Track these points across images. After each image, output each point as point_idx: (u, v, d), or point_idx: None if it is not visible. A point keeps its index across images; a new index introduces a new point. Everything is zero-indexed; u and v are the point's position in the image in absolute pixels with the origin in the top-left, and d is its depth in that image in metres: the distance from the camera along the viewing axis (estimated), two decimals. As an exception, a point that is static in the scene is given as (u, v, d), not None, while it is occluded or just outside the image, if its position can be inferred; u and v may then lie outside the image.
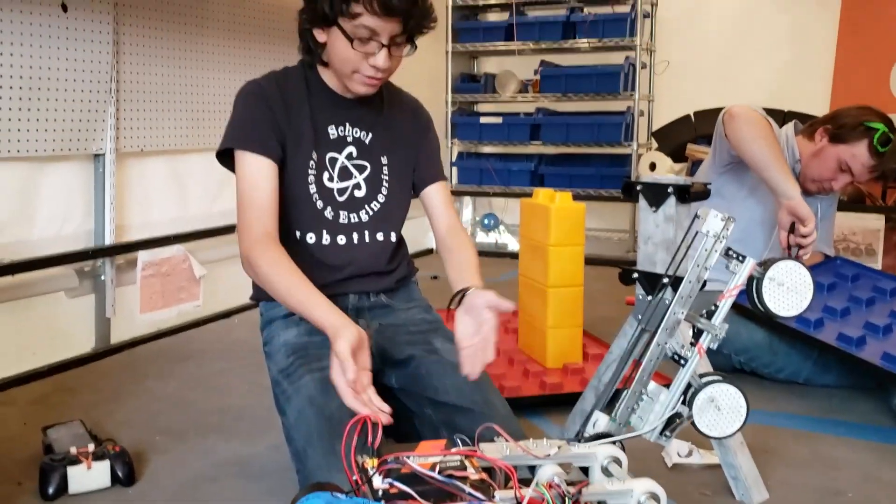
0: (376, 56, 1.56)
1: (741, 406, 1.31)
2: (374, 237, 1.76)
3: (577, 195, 4.36)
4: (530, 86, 4.89)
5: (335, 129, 1.73)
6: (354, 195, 1.74)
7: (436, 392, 1.60)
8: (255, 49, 3.37)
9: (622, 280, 1.63)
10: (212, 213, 3.23)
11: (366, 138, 1.76)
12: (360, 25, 1.53)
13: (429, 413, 1.61)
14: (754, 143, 2.36)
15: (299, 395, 1.54)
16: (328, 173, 1.71)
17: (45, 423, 1.99)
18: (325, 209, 1.71)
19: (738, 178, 2.60)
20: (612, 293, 3.64)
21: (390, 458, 1.07)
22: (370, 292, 1.77)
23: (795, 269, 1.35)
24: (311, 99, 1.71)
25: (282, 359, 1.66)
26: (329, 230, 1.72)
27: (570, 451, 1.19)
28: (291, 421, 1.54)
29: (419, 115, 1.88)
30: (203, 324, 3.13)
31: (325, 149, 1.71)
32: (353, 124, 1.75)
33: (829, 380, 2.48)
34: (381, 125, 1.78)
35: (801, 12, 4.69)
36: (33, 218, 2.54)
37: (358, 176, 1.75)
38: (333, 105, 1.73)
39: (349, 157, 1.74)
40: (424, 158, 1.85)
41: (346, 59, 1.59)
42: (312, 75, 1.72)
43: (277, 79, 1.71)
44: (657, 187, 1.61)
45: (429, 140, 1.88)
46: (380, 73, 1.60)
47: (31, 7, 2.42)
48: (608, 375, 1.65)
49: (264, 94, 1.67)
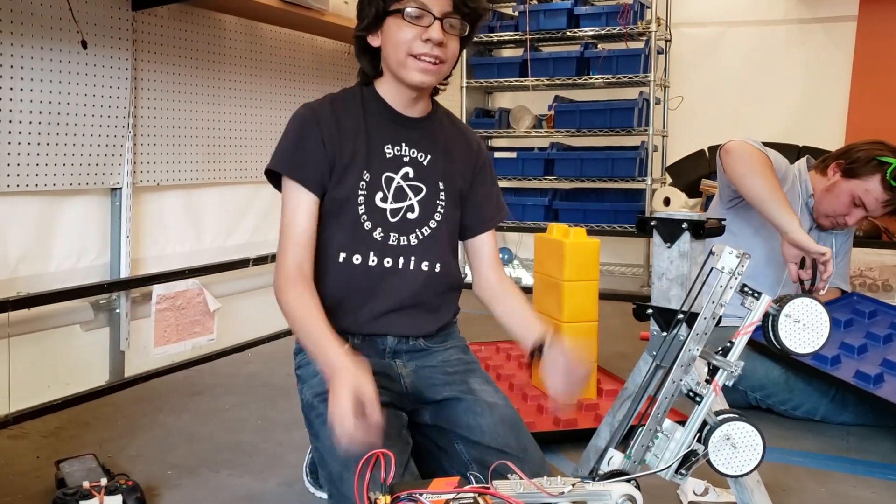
0: (430, 29, 1.55)
1: (757, 444, 1.29)
2: (420, 266, 1.69)
3: (591, 230, 4.38)
4: (544, 121, 4.91)
5: (391, 148, 1.69)
6: (407, 217, 1.68)
7: (470, 431, 1.59)
8: (271, 85, 3.41)
9: (636, 316, 1.63)
10: (226, 247, 3.25)
11: (423, 160, 1.71)
12: (409, 3, 1.55)
13: (460, 449, 1.59)
14: (749, 178, 2.36)
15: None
16: (382, 193, 1.66)
17: (58, 456, 1.99)
18: (374, 230, 1.65)
19: (744, 215, 2.59)
20: (626, 329, 3.63)
21: (403, 495, 1.07)
22: (409, 336, 1.70)
23: (812, 306, 1.34)
24: (367, 117, 1.69)
25: (319, 383, 1.62)
26: (377, 251, 1.66)
27: (585, 489, 1.18)
28: (327, 444, 1.51)
29: (479, 150, 1.83)
30: (217, 358, 3.13)
31: (381, 168, 1.67)
32: (411, 145, 1.71)
33: (847, 418, 2.45)
34: (441, 150, 1.74)
35: (816, 48, 4.71)
36: (50, 251, 2.56)
37: (413, 198, 1.69)
38: (391, 122, 1.70)
39: (405, 178, 1.69)
40: (479, 199, 1.80)
41: (400, 41, 1.58)
42: (369, 93, 1.70)
43: (333, 100, 1.70)
44: (671, 223, 1.61)
45: (484, 178, 1.82)
46: (435, 51, 1.57)
47: (52, 44, 2.45)
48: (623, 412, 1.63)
49: (317, 119, 1.65)
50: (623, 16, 4.55)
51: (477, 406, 1.61)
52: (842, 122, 4.58)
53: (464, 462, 1.58)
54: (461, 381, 1.68)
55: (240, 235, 3.31)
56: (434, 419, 1.66)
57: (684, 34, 4.97)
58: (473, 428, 1.59)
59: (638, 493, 1.21)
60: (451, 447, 1.61)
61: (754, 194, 2.35)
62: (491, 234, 1.83)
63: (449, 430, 1.62)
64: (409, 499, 1.06)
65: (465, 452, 1.59)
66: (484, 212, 1.81)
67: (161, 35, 2.87)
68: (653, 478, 1.32)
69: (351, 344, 1.66)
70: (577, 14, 4.74)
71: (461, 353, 1.78)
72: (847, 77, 4.59)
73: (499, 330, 1.79)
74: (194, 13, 3.00)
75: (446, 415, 1.63)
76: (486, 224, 1.81)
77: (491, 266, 1.81)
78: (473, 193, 1.79)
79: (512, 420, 1.62)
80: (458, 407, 1.63)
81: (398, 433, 1.54)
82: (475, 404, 1.62)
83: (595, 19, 4.71)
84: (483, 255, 1.82)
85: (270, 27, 3.38)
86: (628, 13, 4.54)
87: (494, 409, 1.62)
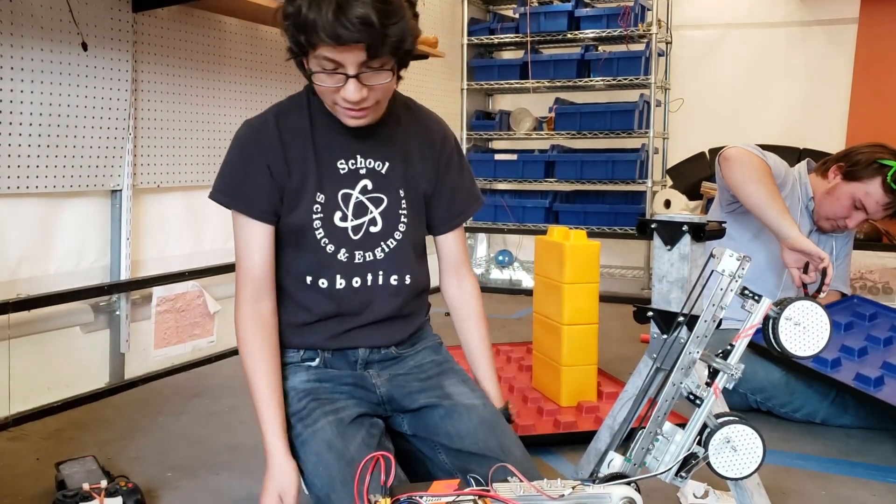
0: (344, 88, 1.43)
1: (758, 447, 1.29)
2: (388, 280, 1.66)
3: (591, 232, 4.38)
4: (545, 123, 4.91)
5: (345, 163, 1.61)
6: (370, 231, 1.63)
7: (450, 438, 1.57)
8: (271, 87, 3.41)
9: (637, 318, 1.63)
10: (227, 249, 3.24)
11: (381, 168, 1.64)
12: (320, 57, 1.41)
13: (443, 458, 1.58)
14: (748, 185, 2.36)
15: (316, 439, 1.51)
16: (340, 212, 1.60)
17: (58, 458, 1.98)
18: (337, 252, 1.61)
19: (743, 219, 2.59)
20: (626, 331, 3.63)
21: (403, 498, 1.07)
22: (381, 346, 1.68)
23: (812, 309, 1.34)
24: (315, 133, 1.60)
25: (293, 402, 1.60)
26: (343, 273, 1.62)
27: (585, 492, 1.18)
28: (310, 466, 1.50)
29: (443, 141, 1.74)
30: (217, 360, 3.13)
31: (336, 186, 1.60)
32: (366, 155, 1.62)
33: (847, 420, 2.45)
34: (399, 154, 1.66)
35: (817, 50, 4.71)
36: (50, 253, 2.56)
37: (374, 210, 1.63)
38: (341, 136, 1.60)
39: (363, 191, 1.62)
40: (447, 196, 1.74)
41: (322, 92, 1.49)
42: (317, 103, 1.59)
43: (278, 115, 1.61)
44: (672, 225, 1.61)
45: (451, 173, 1.74)
46: (357, 106, 1.47)
47: (52, 46, 2.45)
48: (623, 414, 1.63)
49: (260, 141, 1.58)
50: (624, 18, 4.55)
51: (454, 411, 1.59)
52: (842, 124, 4.58)
53: (448, 471, 1.56)
54: (436, 386, 1.66)
55: (240, 237, 3.31)
56: (413, 429, 1.64)
57: (685, 36, 4.98)
58: (452, 435, 1.57)
59: (638, 495, 1.21)
60: (434, 455, 1.59)
61: (753, 201, 2.35)
62: (457, 232, 1.78)
63: (429, 439, 1.60)
64: (409, 501, 1.06)
65: (448, 462, 1.57)
66: (453, 208, 1.75)
67: (161, 37, 2.86)
68: (653, 480, 1.32)
69: (321, 358, 1.66)
70: (578, 16, 4.74)
71: (433, 353, 1.75)
72: (848, 80, 4.59)
73: (498, 332, 1.80)
74: (195, 15, 3.00)
75: (424, 423, 1.61)
76: (455, 220, 1.77)
77: (456, 269, 1.79)
78: (440, 191, 1.73)
79: (491, 421, 1.60)
80: (434, 414, 1.60)
81: (377, 441, 1.53)
82: (452, 410, 1.60)
83: (596, 21, 4.71)
84: (448, 256, 1.79)
85: (271, 29, 3.37)
86: (629, 15, 4.54)
87: (472, 412, 1.59)
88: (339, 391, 1.60)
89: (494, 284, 5.24)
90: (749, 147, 2.45)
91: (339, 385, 1.61)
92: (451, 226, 1.77)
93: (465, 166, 1.79)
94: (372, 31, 1.35)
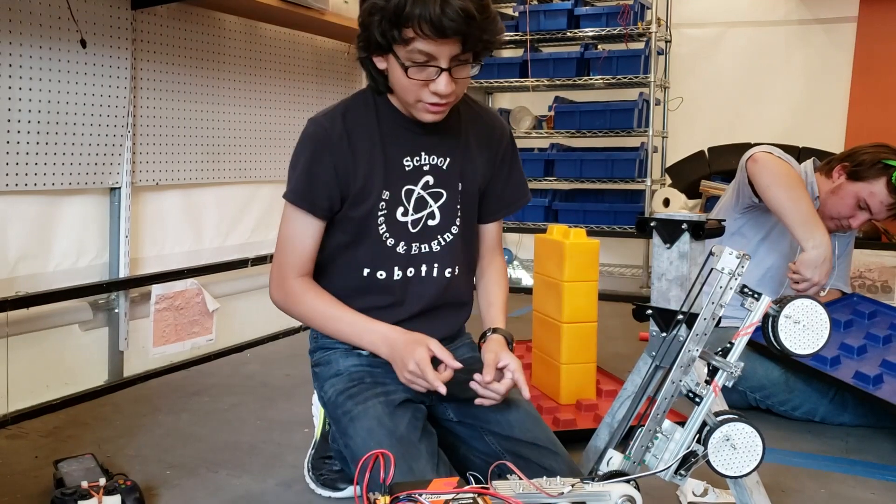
0: (437, 82, 1.47)
1: (757, 445, 1.29)
2: (443, 272, 1.71)
3: (590, 231, 4.38)
4: (544, 122, 4.91)
5: (410, 160, 1.64)
6: (428, 224, 1.67)
7: (500, 426, 1.62)
8: (271, 84, 3.40)
9: (636, 316, 1.62)
10: (226, 247, 3.24)
11: (443, 164, 1.67)
12: (414, 51, 1.44)
13: (490, 440, 1.62)
14: (780, 190, 2.36)
15: (367, 416, 1.54)
16: (403, 207, 1.64)
17: (56, 456, 1.99)
18: (396, 245, 1.65)
19: (757, 222, 2.59)
20: (625, 329, 3.63)
21: (403, 495, 1.07)
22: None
23: (812, 307, 1.34)
24: (382, 129, 1.63)
25: (341, 382, 1.65)
26: (401, 265, 1.67)
27: (584, 490, 1.18)
28: (359, 441, 1.52)
29: (501, 135, 1.77)
30: (215, 358, 3.13)
31: (400, 182, 1.64)
32: (430, 152, 1.66)
33: (846, 418, 2.45)
34: (460, 149, 1.69)
35: (816, 48, 4.71)
36: (49, 251, 2.56)
37: (433, 204, 1.68)
38: (407, 133, 1.64)
39: (425, 187, 1.66)
40: (499, 189, 1.78)
41: (406, 88, 1.50)
42: (382, 101, 1.63)
43: (345, 114, 1.62)
44: (671, 224, 1.60)
45: (505, 167, 1.78)
46: (444, 100, 1.51)
47: (51, 43, 2.45)
48: (622, 412, 1.63)
49: (328, 139, 1.59)
50: (623, 16, 4.55)
51: (503, 403, 1.62)
52: (842, 123, 4.58)
53: (495, 452, 1.60)
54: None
55: (239, 235, 3.31)
56: (459, 416, 1.68)
57: (684, 35, 4.97)
58: (503, 423, 1.62)
59: (637, 493, 1.20)
60: (479, 440, 1.64)
61: (784, 206, 2.34)
62: (499, 222, 1.84)
63: (477, 426, 1.65)
64: (409, 499, 1.06)
65: (497, 444, 1.61)
66: (502, 201, 1.80)
67: (160, 34, 2.86)
68: (652, 478, 1.32)
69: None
70: (578, 15, 4.73)
71: (471, 350, 1.81)
72: (847, 78, 4.59)
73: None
74: (194, 12, 3.00)
75: (473, 412, 1.65)
76: (500, 213, 1.82)
77: (489, 250, 1.84)
78: (494, 184, 1.78)
79: (536, 415, 1.67)
80: (484, 406, 1.62)
81: (423, 426, 1.56)
82: (500, 403, 1.62)
83: (595, 20, 4.70)
84: (486, 239, 1.84)
85: (270, 27, 3.37)
86: (628, 14, 4.53)
87: (520, 405, 1.65)
88: (388, 377, 1.63)
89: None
90: (774, 151, 2.44)
91: (389, 371, 1.63)
92: (495, 217, 1.82)
93: (518, 161, 1.83)
94: (471, 24, 1.40)
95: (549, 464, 1.56)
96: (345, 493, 1.88)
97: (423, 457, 1.46)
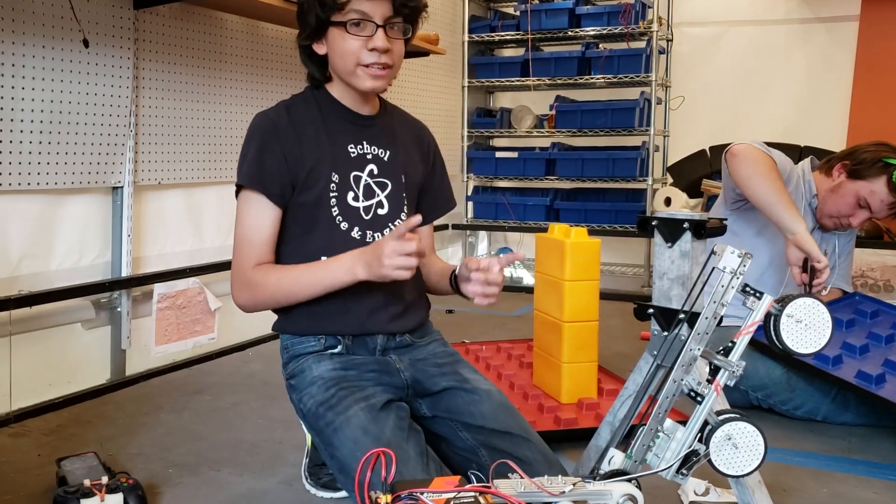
0: (374, 38, 1.59)
1: (759, 444, 1.29)
2: None
3: (591, 230, 4.38)
4: (546, 121, 4.91)
5: (354, 147, 1.72)
6: (378, 213, 1.73)
7: (472, 417, 1.63)
8: (272, 84, 3.41)
9: (637, 315, 1.62)
10: (227, 246, 3.23)
11: (384, 155, 1.76)
12: (350, 11, 1.58)
13: (464, 436, 1.63)
14: (755, 180, 2.37)
15: (350, 426, 1.52)
16: (353, 192, 1.70)
17: (59, 454, 1.99)
18: (351, 230, 1.69)
19: (747, 217, 2.60)
20: (627, 328, 3.63)
21: (404, 494, 1.07)
22: (395, 333, 1.74)
23: (813, 306, 1.34)
24: (325, 119, 1.71)
25: (319, 391, 1.62)
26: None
27: (586, 489, 1.18)
28: (346, 452, 1.51)
29: (430, 142, 1.90)
30: (217, 356, 3.13)
31: (347, 167, 1.70)
32: (371, 142, 1.74)
33: (848, 418, 2.45)
34: (398, 144, 1.79)
35: (818, 47, 4.71)
36: (52, 250, 2.56)
37: (380, 194, 1.74)
38: (349, 123, 1.73)
39: (371, 175, 1.73)
40: (434, 192, 1.89)
41: (347, 52, 1.61)
42: (322, 95, 1.74)
43: (288, 107, 1.71)
44: (673, 223, 1.60)
45: (436, 170, 1.90)
46: (382, 59, 1.61)
47: (54, 42, 2.45)
48: (623, 411, 1.63)
49: (276, 128, 1.67)
50: (624, 15, 4.55)
51: (475, 394, 1.66)
52: (843, 122, 4.58)
53: (470, 447, 1.61)
54: (452, 372, 1.72)
55: (241, 234, 3.31)
56: (432, 410, 1.69)
57: (686, 34, 4.97)
58: (475, 414, 1.63)
59: (639, 492, 1.21)
60: (453, 435, 1.64)
61: (760, 197, 2.35)
62: (431, 225, 1.93)
63: (449, 420, 1.65)
64: (410, 497, 1.06)
65: (471, 438, 1.62)
66: (436, 202, 1.89)
67: (162, 34, 2.86)
68: (654, 478, 1.32)
69: (343, 345, 1.70)
70: (579, 14, 4.73)
71: (443, 345, 1.83)
72: (849, 77, 4.58)
73: (499, 330, 1.81)
74: (196, 12, 3.00)
75: (445, 404, 1.66)
76: (433, 214, 1.89)
77: (432, 253, 1.92)
78: (429, 186, 1.87)
79: (508, 405, 1.68)
80: (456, 396, 1.66)
81: (409, 424, 1.56)
82: (473, 392, 1.66)
83: (596, 19, 4.71)
84: (428, 244, 1.89)
85: (272, 26, 3.38)
86: (630, 13, 4.54)
87: (491, 395, 1.67)
88: (365, 378, 1.64)
89: (495, 282, 5.22)
90: (755, 143, 2.45)
91: (365, 372, 1.65)
92: (428, 218, 1.87)
93: (445, 170, 1.96)
94: None
95: (522, 453, 1.57)
96: (345, 493, 1.88)
97: (412, 459, 1.46)
